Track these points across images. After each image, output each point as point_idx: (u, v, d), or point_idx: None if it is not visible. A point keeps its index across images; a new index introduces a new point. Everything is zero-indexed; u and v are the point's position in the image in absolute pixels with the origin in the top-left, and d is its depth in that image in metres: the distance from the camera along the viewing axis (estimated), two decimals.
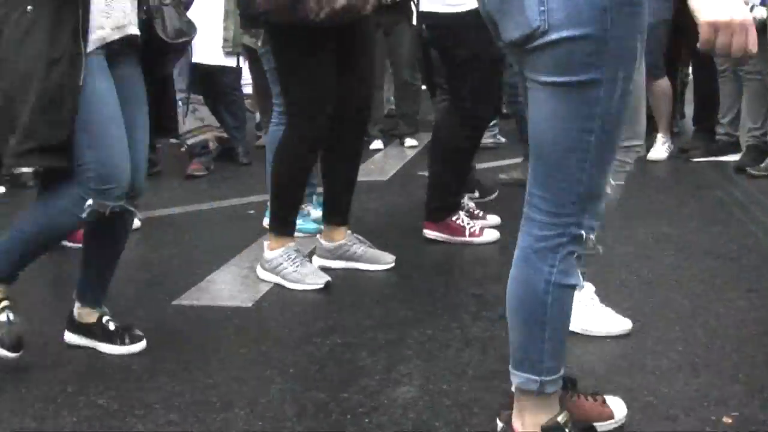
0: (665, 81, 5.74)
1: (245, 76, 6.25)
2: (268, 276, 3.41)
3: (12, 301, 2.61)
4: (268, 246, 3.45)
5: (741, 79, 5.50)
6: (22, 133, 2.38)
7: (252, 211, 4.64)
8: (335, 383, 2.49)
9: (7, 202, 4.12)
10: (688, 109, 6.98)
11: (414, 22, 5.77)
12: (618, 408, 2.17)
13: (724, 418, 2.20)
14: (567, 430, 1.95)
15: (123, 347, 2.71)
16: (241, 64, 6.11)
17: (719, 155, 5.72)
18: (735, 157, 5.56)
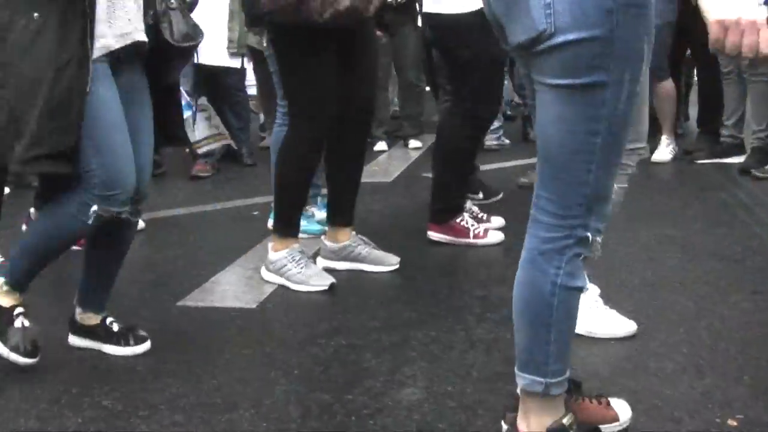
0: (669, 83, 5.74)
1: (249, 77, 6.26)
2: (273, 277, 3.41)
3: (26, 308, 2.62)
4: (272, 247, 3.45)
5: (745, 80, 5.50)
6: (30, 139, 2.36)
7: (256, 213, 4.65)
8: (340, 385, 2.48)
9: (12, 202, 4.12)
10: (693, 111, 6.97)
11: (419, 24, 5.79)
12: (622, 410, 2.16)
13: (728, 421, 2.20)
14: None
15: (127, 348, 2.71)
16: (246, 65, 6.12)
17: (723, 157, 5.72)
18: (739, 158, 5.56)
